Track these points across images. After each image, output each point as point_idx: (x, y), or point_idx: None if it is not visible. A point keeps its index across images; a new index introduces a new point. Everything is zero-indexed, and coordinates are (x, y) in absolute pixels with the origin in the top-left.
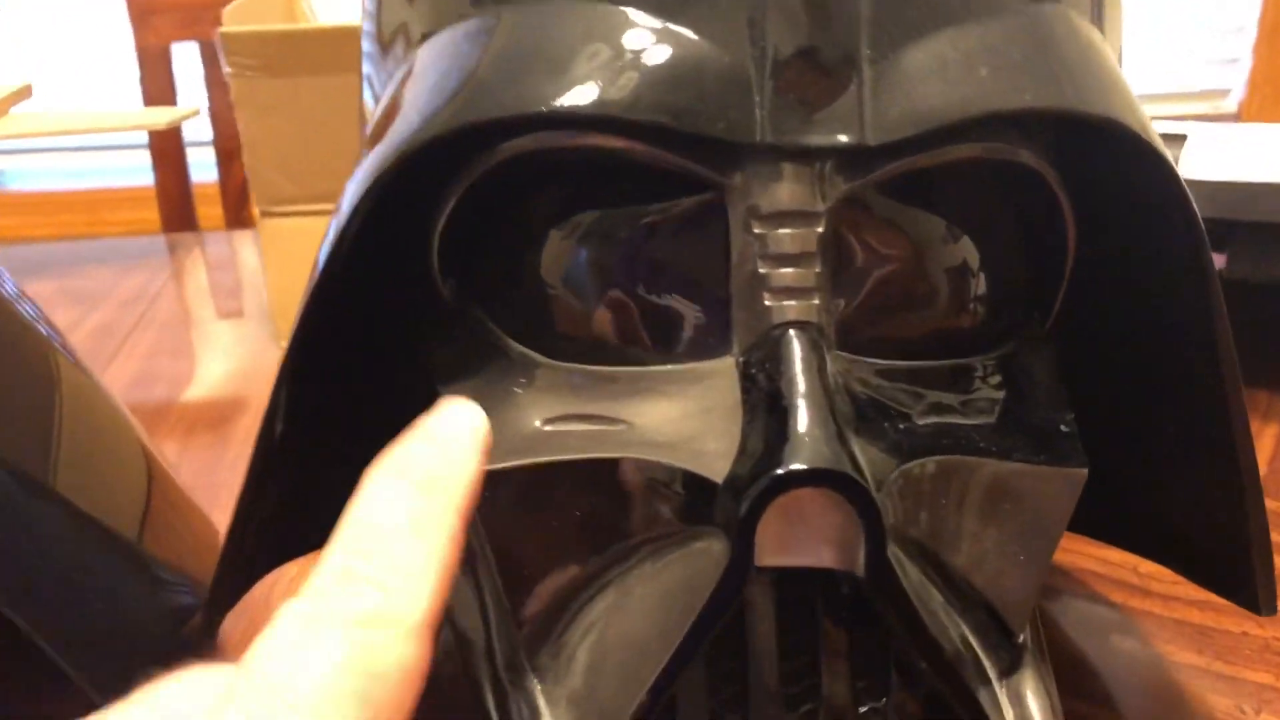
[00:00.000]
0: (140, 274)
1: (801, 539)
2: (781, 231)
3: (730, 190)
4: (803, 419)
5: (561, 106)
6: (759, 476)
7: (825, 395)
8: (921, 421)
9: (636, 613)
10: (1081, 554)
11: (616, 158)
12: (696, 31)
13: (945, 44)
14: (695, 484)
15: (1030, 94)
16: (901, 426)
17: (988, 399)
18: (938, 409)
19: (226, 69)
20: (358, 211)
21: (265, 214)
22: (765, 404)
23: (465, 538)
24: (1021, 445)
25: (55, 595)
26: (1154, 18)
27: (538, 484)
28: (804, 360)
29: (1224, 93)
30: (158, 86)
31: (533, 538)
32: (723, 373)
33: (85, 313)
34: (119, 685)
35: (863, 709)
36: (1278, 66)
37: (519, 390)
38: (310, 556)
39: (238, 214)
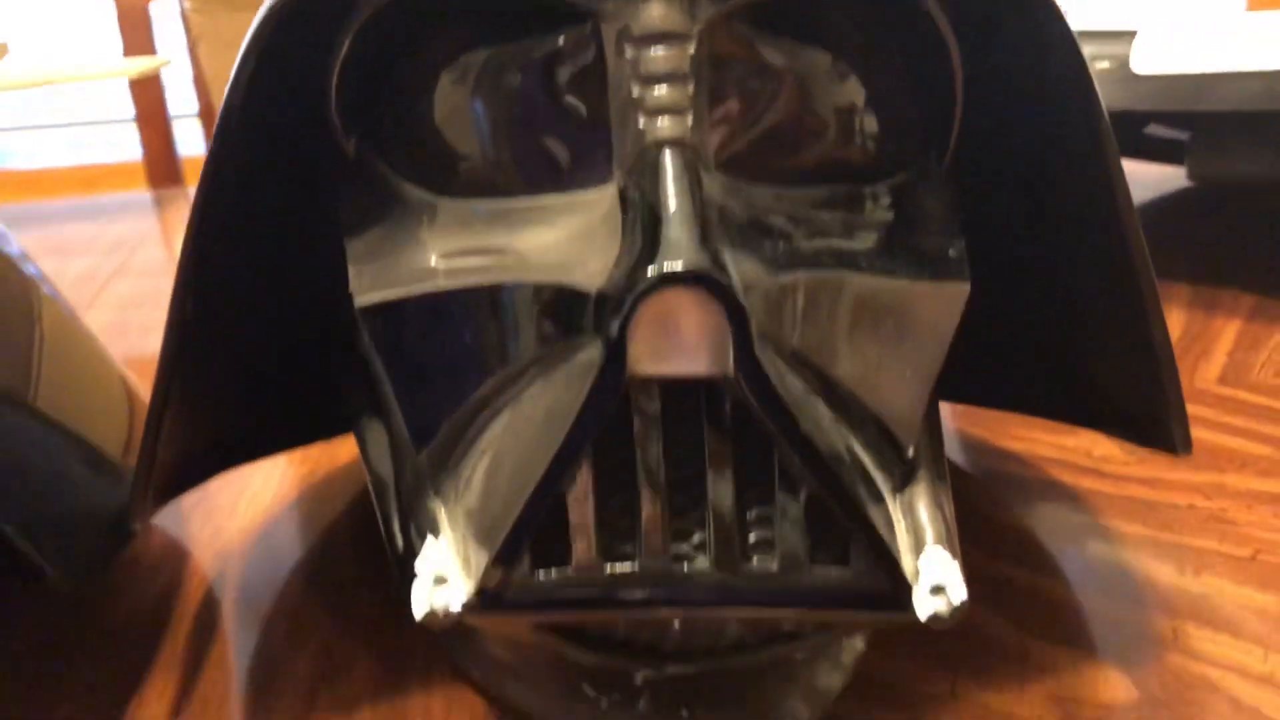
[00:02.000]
0: (122, 225)
1: (676, 347)
2: (653, 52)
3: (603, 16)
4: (671, 227)
5: None
6: (632, 282)
7: (694, 205)
8: (804, 242)
9: (525, 429)
10: (1038, 441)
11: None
12: None
13: None
14: (574, 298)
15: None
16: (782, 245)
17: (876, 224)
18: (822, 232)
19: (186, 4)
20: (253, 48)
21: None
22: (638, 219)
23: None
24: (905, 265)
25: (32, 501)
26: None
27: (430, 314)
28: (675, 175)
29: None
30: (137, 49)
31: (430, 367)
32: (604, 197)
33: (65, 261)
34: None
35: (750, 517)
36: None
37: (417, 231)
38: (275, 463)
39: None
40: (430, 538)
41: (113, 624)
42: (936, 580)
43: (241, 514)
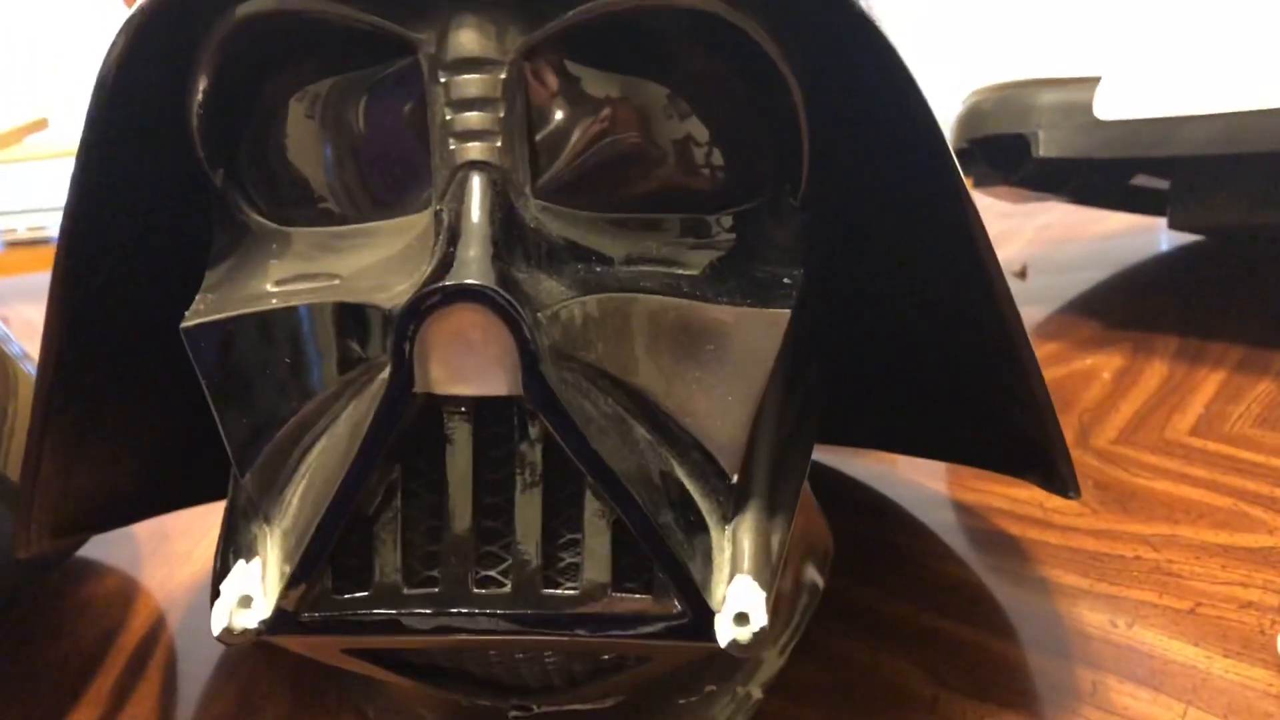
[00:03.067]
0: None
1: (468, 366)
2: (464, 77)
3: (422, 45)
4: (464, 246)
5: None
6: (421, 299)
7: (491, 226)
8: (625, 267)
9: (334, 450)
10: (990, 493)
11: (331, 27)
12: None
13: None
14: (380, 319)
15: None
16: (599, 269)
17: (711, 251)
18: (648, 258)
19: None
20: (110, 70)
21: None
22: (442, 240)
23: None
24: (729, 292)
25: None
26: None
27: (241, 338)
28: (479, 196)
29: None
30: None
31: (249, 391)
32: (425, 220)
33: None
34: None
35: (559, 543)
36: None
37: (263, 260)
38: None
39: None
40: (241, 561)
41: (49, 660)
42: (740, 608)
43: (196, 559)
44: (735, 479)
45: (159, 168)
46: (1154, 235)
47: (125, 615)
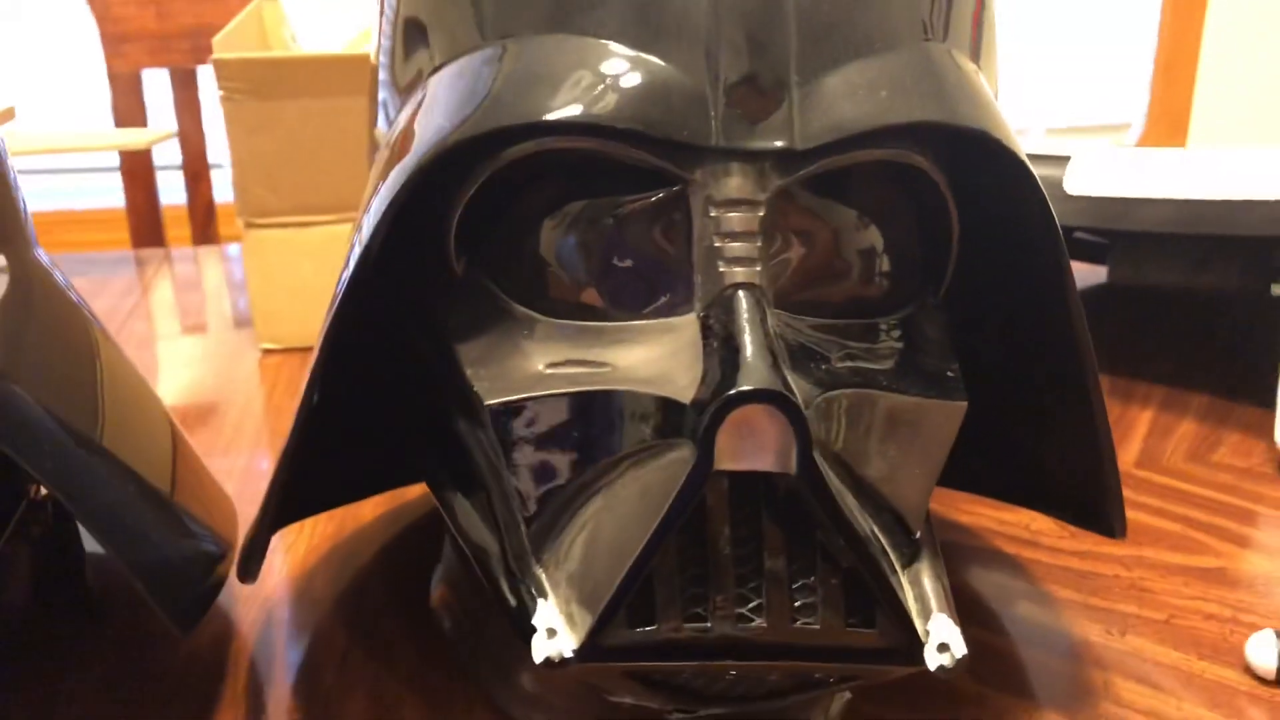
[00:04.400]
0: (115, 287)
1: (750, 449)
2: (732, 214)
3: (692, 184)
4: (749, 354)
5: (559, 117)
6: (717, 396)
7: (766, 337)
8: (839, 364)
9: (621, 509)
10: (982, 515)
11: (601, 158)
12: (664, 60)
13: (855, 73)
14: (668, 406)
15: (919, 110)
16: (824, 367)
17: (890, 349)
18: (851, 355)
19: (219, 92)
20: (391, 207)
21: (249, 225)
22: (720, 345)
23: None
24: (916, 385)
25: (136, 542)
26: (1060, 58)
27: (544, 413)
28: (749, 312)
29: (1125, 126)
30: (129, 110)
31: (540, 456)
32: (686, 325)
33: None
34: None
35: (795, 586)
36: (1172, 102)
37: (523, 342)
38: (304, 520)
39: (204, 232)
40: (540, 599)
41: (173, 666)
42: (943, 639)
43: (279, 567)
44: (918, 534)
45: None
46: (1084, 281)
47: (230, 621)
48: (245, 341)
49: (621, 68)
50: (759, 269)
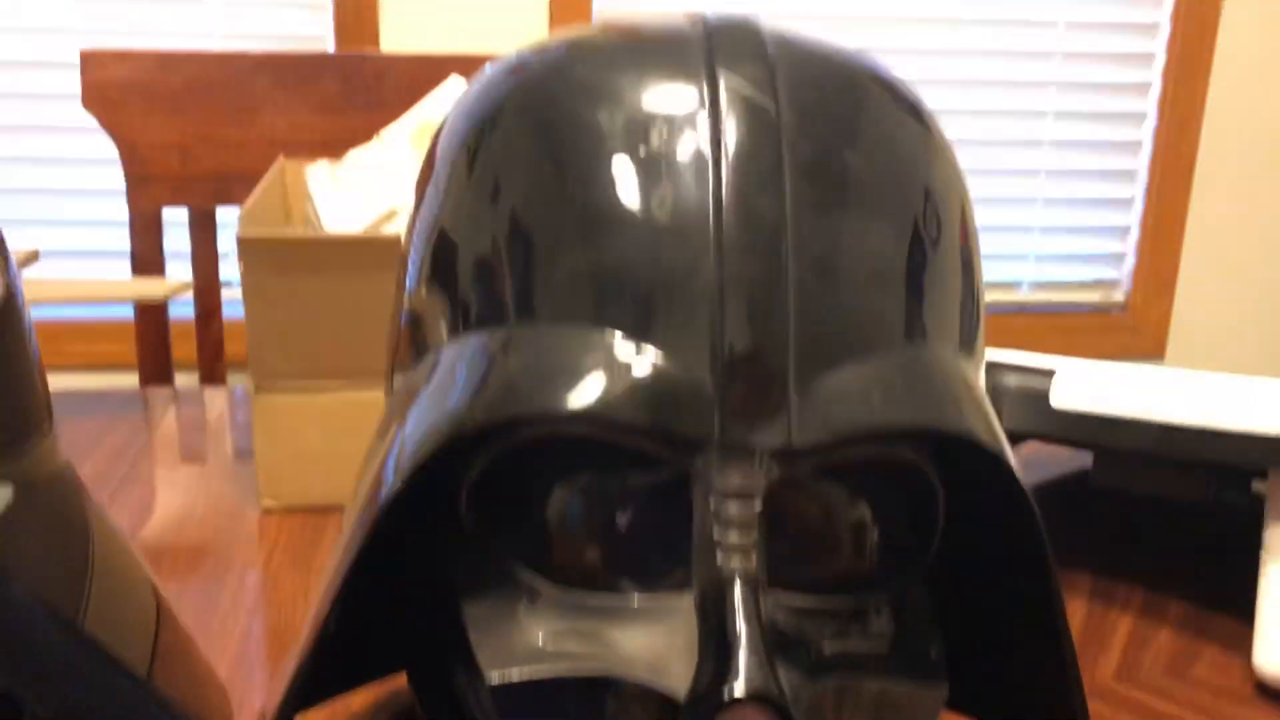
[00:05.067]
0: (122, 427)
1: None
2: (730, 504)
3: (693, 472)
4: (743, 653)
5: (572, 410)
6: (712, 694)
7: (760, 633)
8: (828, 647)
9: None
10: None
11: (603, 440)
12: (670, 356)
13: (849, 375)
14: (664, 700)
15: (909, 415)
16: (812, 653)
17: (877, 630)
18: (840, 634)
19: (241, 266)
20: (410, 477)
21: (259, 389)
22: (714, 638)
23: None
24: (900, 668)
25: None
26: (1051, 220)
27: (545, 692)
28: (744, 606)
29: (1114, 284)
30: (148, 248)
31: None
32: (684, 608)
33: (77, 462)
34: None
35: None
36: (1159, 264)
37: (524, 609)
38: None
39: (211, 367)
40: None
41: None
42: None
43: None
44: None
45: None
46: (1066, 464)
47: None
48: (247, 492)
49: (630, 362)
50: (754, 557)
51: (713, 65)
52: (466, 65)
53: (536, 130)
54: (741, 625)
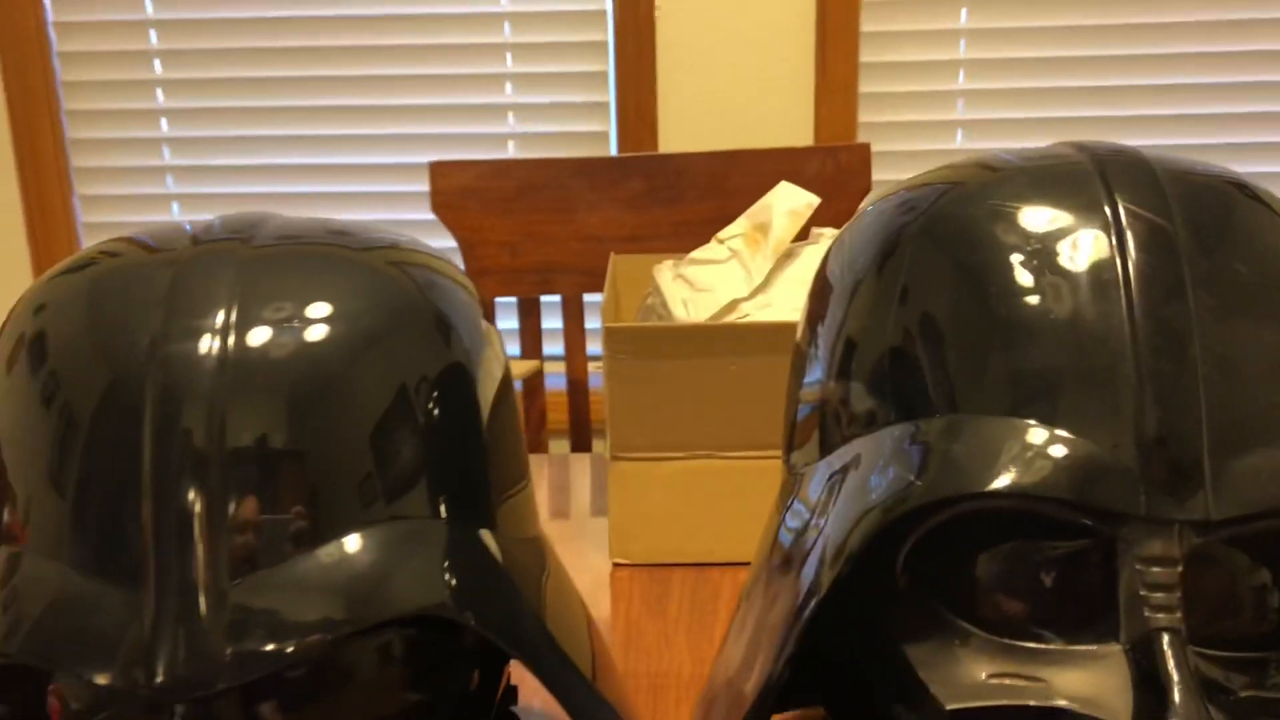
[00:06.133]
0: None
1: None
2: (1155, 569)
3: (1120, 541)
4: (1177, 695)
5: (1017, 486)
6: None
7: (1191, 679)
8: (1244, 695)
9: None
10: None
11: (1032, 511)
12: (1097, 444)
13: (1257, 459)
14: None
15: None
16: (1229, 699)
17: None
18: (1251, 686)
19: (605, 351)
20: (863, 545)
21: (615, 458)
22: (1147, 682)
23: None
24: None
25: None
26: None
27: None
28: (1175, 656)
29: None
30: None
31: None
32: (1111, 656)
33: None
34: None
35: None
36: None
37: (961, 650)
38: None
39: (535, 437)
40: None
41: None
42: None
43: None
44: None
45: None
46: None
47: None
48: (600, 549)
49: (1061, 447)
50: (1179, 615)
51: (1110, 190)
52: (753, 159)
53: (954, 248)
54: (1174, 669)
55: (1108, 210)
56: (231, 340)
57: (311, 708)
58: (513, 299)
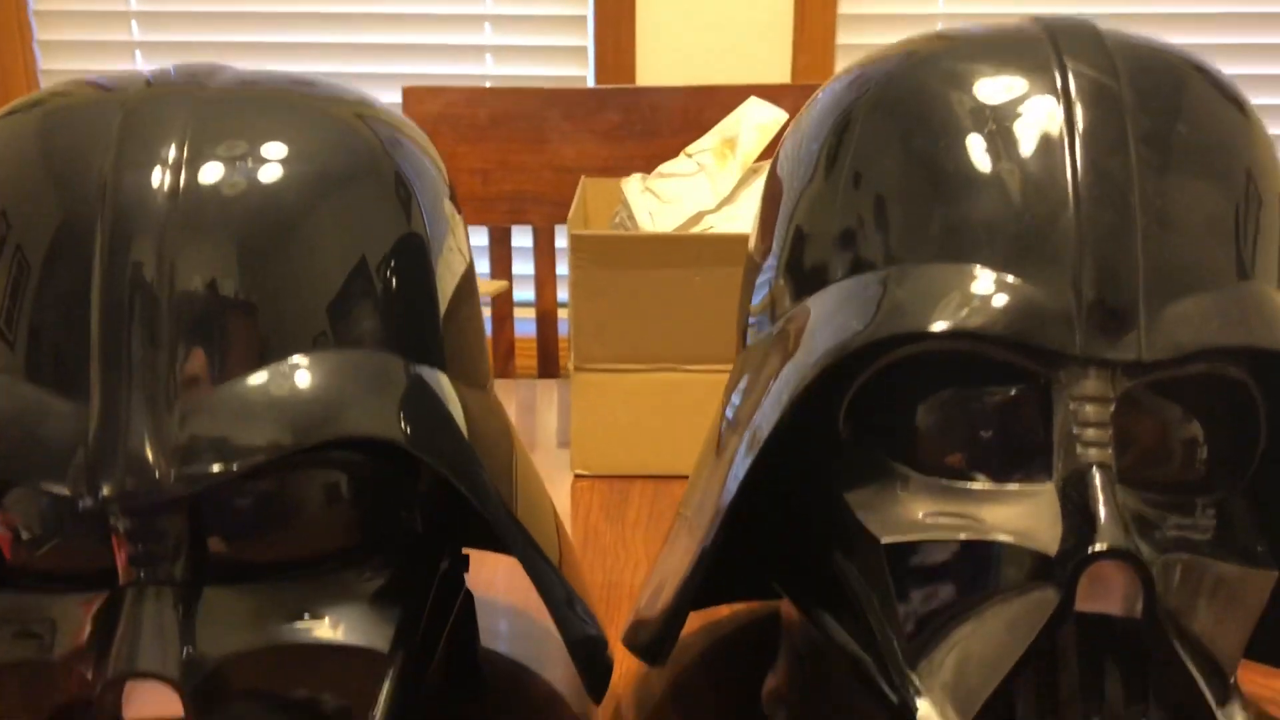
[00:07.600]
0: None
1: (1103, 595)
2: (1089, 408)
3: (1055, 383)
4: (1103, 519)
5: (960, 327)
6: (1080, 552)
7: (1117, 507)
8: (1169, 533)
9: (990, 636)
10: (1255, 684)
11: (972, 357)
12: (1036, 285)
13: (1189, 305)
14: (1036, 557)
15: (1242, 335)
16: (1157, 534)
17: (1208, 524)
18: (1178, 526)
19: (571, 260)
20: (801, 392)
21: (578, 369)
22: (1077, 511)
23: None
24: (1234, 555)
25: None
26: None
27: (930, 553)
28: (1103, 486)
29: None
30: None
31: (922, 587)
32: (1044, 493)
33: None
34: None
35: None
36: None
37: (901, 493)
38: None
39: (505, 365)
40: (919, 698)
41: None
42: None
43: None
44: (1233, 680)
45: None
46: None
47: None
48: (564, 464)
49: (1004, 291)
50: (1109, 451)
51: (1059, 53)
52: (730, 95)
53: (906, 110)
54: (1101, 500)
55: (1056, 72)
56: (184, 174)
57: (258, 538)
58: (484, 228)
